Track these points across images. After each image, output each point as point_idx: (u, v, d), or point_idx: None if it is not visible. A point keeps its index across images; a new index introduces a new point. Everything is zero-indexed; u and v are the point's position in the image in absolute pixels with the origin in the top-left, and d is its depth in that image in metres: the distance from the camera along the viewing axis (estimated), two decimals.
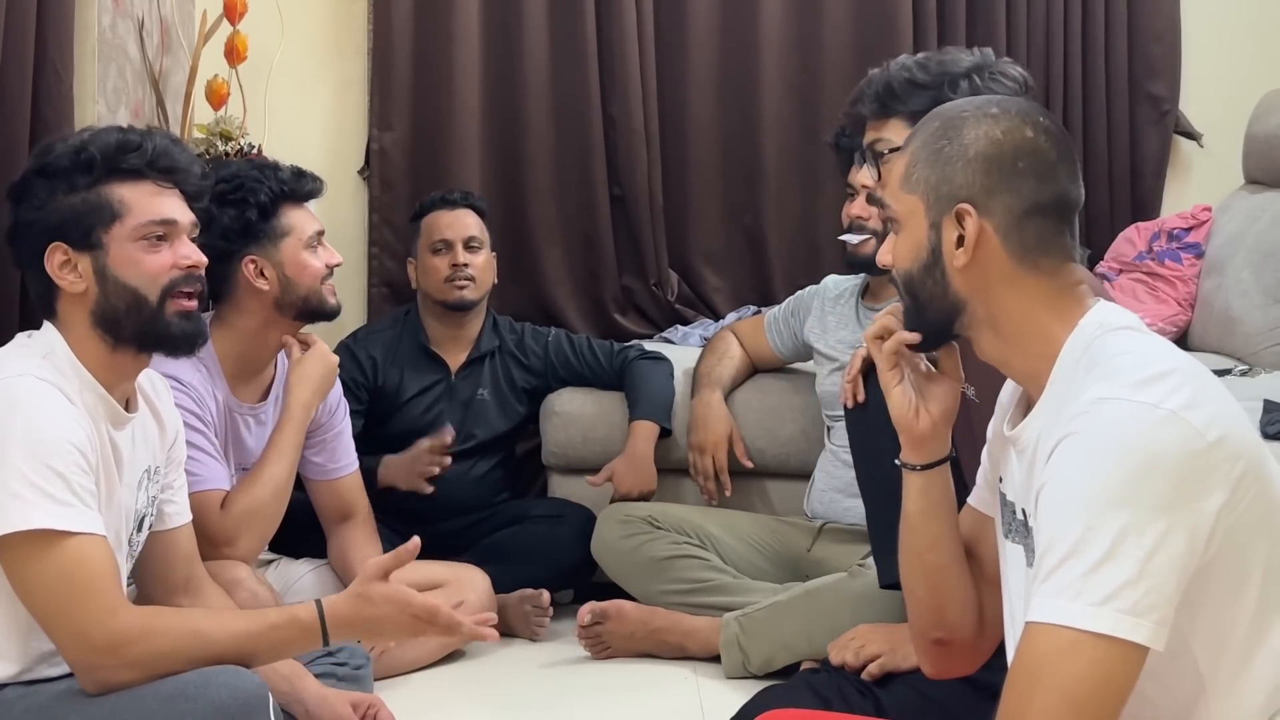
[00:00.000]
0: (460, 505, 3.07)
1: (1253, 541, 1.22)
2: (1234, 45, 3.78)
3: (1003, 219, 1.33)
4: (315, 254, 2.46)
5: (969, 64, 1.94)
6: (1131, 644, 1.15)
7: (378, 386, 3.07)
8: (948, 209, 1.35)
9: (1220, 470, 1.19)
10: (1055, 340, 1.32)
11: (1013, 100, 1.42)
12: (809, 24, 3.62)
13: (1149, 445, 1.18)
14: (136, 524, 1.82)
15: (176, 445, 1.97)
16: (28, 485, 1.60)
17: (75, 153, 1.76)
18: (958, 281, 1.36)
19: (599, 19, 3.56)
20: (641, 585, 2.82)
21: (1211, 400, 1.22)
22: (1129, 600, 1.15)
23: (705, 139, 3.63)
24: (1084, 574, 1.16)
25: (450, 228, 3.09)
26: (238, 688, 1.59)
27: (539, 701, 2.52)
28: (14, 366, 1.70)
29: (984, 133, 1.35)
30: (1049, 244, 1.34)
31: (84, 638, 1.62)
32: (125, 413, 1.79)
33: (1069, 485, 1.20)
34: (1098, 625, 1.15)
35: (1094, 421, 1.21)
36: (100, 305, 1.76)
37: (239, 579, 2.27)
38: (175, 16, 3.26)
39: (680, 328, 3.58)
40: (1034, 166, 1.34)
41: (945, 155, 1.36)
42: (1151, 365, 1.23)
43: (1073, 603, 1.16)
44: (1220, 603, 1.22)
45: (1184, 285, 3.42)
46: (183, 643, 1.66)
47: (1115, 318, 1.32)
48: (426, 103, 3.56)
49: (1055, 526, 1.20)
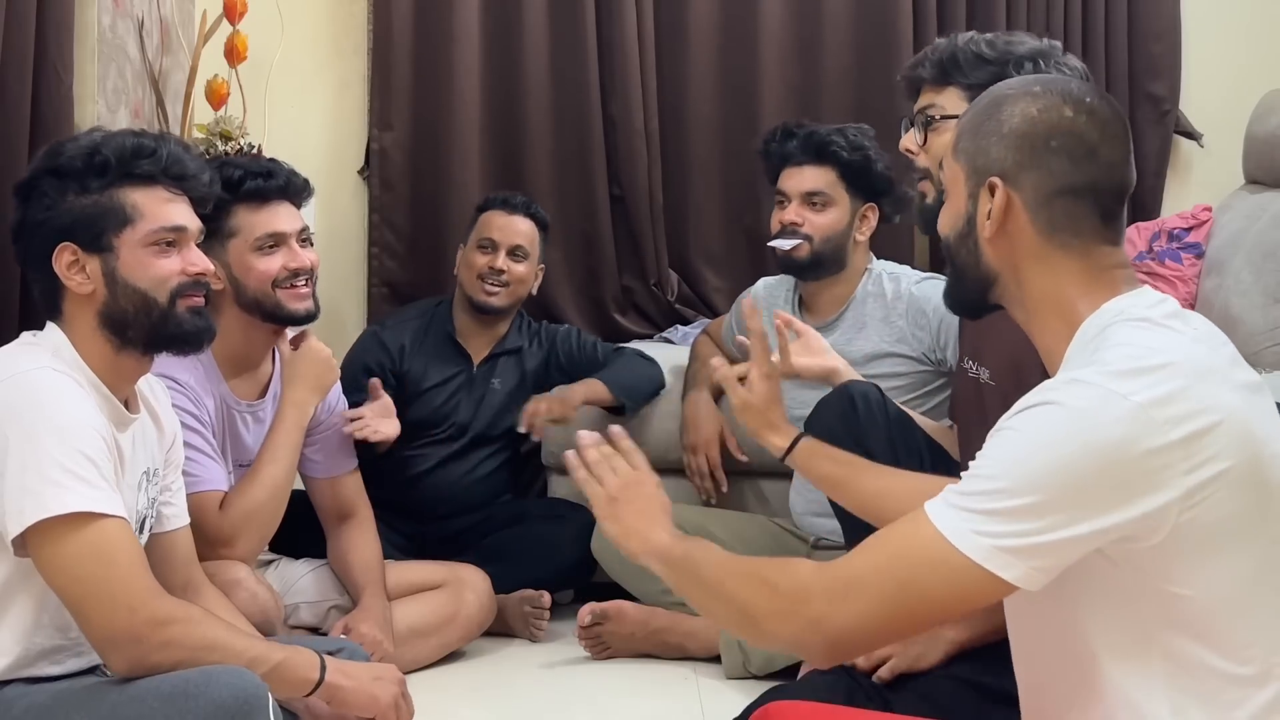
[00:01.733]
0: (461, 505, 3.07)
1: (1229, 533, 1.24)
2: (1234, 45, 3.78)
3: (1032, 195, 1.36)
4: (269, 256, 2.40)
5: (1032, 47, 1.97)
6: (993, 576, 1.23)
7: (402, 372, 3.07)
8: (982, 181, 1.39)
9: (1176, 469, 1.21)
10: (1075, 320, 1.35)
11: (1061, 81, 1.43)
12: (809, 24, 3.62)
13: (1097, 436, 1.21)
14: (138, 525, 1.82)
15: (175, 448, 1.98)
16: (62, 471, 1.63)
17: (89, 154, 1.76)
18: (988, 252, 1.40)
19: (599, 19, 3.56)
20: (641, 585, 2.82)
21: (1199, 398, 1.23)
22: (1011, 543, 1.22)
23: (705, 139, 3.63)
24: (990, 510, 1.24)
25: (500, 230, 3.09)
26: (238, 686, 1.60)
27: (539, 702, 2.52)
28: (30, 361, 1.72)
29: (1021, 110, 1.38)
30: (1079, 225, 1.36)
31: (131, 613, 1.64)
32: (128, 413, 1.80)
33: (1022, 439, 1.25)
34: (973, 552, 1.23)
35: (1061, 396, 1.25)
36: (108, 306, 1.77)
37: (238, 579, 2.27)
38: (175, 16, 3.25)
39: (680, 328, 3.58)
40: (1068, 147, 1.35)
41: (985, 129, 1.40)
42: (1145, 358, 1.25)
43: (965, 523, 1.24)
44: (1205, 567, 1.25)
45: (1184, 285, 3.42)
46: (220, 638, 1.71)
47: (1141, 307, 1.33)
48: (426, 103, 3.56)
49: (993, 461, 1.26)
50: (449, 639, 2.68)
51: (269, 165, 2.45)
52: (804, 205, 2.78)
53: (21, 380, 1.69)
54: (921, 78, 2.03)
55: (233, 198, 2.36)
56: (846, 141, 2.77)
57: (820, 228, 2.76)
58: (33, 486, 1.62)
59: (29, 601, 1.69)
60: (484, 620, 2.75)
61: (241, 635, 1.80)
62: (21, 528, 1.62)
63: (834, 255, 2.78)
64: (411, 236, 3.60)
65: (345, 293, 3.58)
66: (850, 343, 2.74)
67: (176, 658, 1.66)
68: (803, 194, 2.78)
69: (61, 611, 1.68)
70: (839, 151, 2.76)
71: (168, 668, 1.65)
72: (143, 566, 1.69)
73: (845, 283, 2.81)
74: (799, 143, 2.80)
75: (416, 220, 3.60)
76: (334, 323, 3.45)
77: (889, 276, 2.80)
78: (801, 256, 2.77)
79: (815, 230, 2.76)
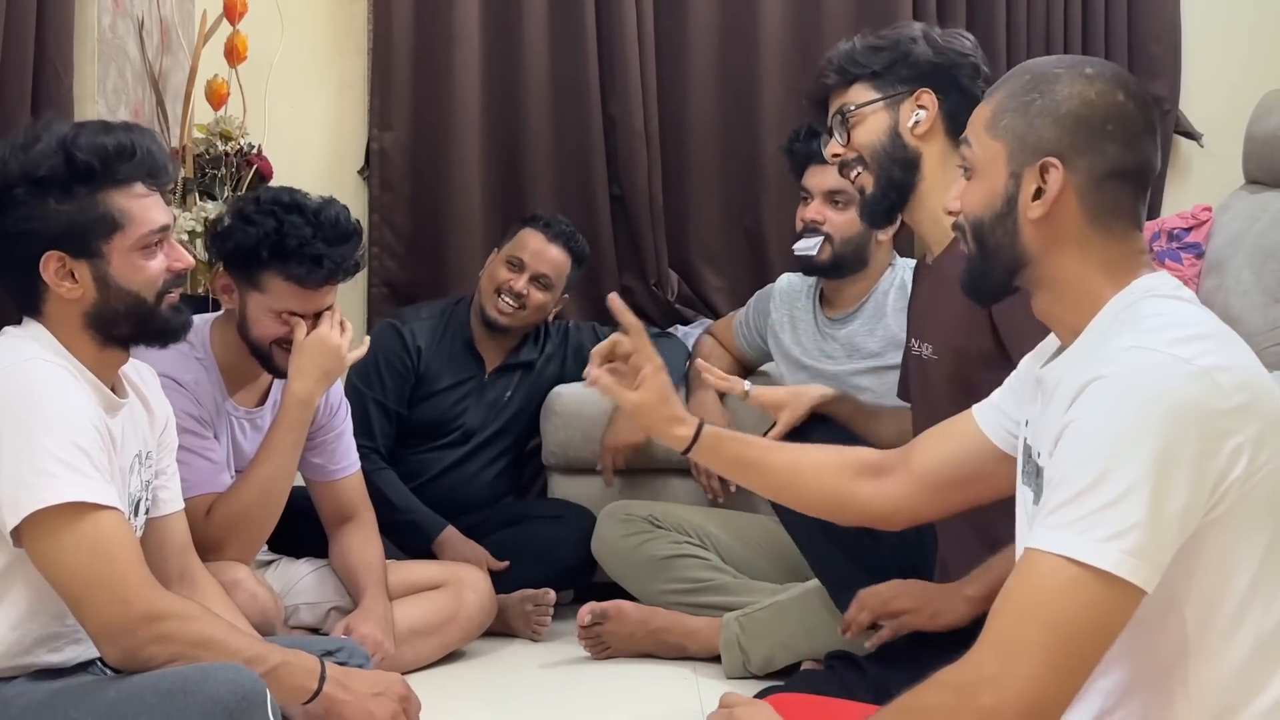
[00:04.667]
0: (462, 505, 3.07)
1: (1263, 513, 1.24)
2: (1234, 45, 3.78)
3: (1085, 178, 1.36)
4: (281, 325, 2.37)
5: (920, 27, 2.10)
6: (1129, 585, 1.18)
7: (419, 372, 3.07)
8: (1032, 160, 1.37)
9: (1241, 434, 1.21)
10: (1101, 298, 1.35)
11: (1106, 64, 1.43)
12: (809, 24, 3.62)
13: (1177, 395, 1.20)
14: (132, 509, 1.83)
15: (167, 431, 1.98)
16: (56, 461, 1.63)
17: (67, 160, 1.72)
18: (1028, 233, 1.38)
19: (599, 19, 3.56)
20: (642, 585, 2.82)
21: (1243, 368, 1.25)
22: (1134, 541, 1.18)
23: (705, 139, 3.63)
24: (1096, 510, 1.19)
25: (533, 255, 3.06)
26: (236, 683, 1.60)
27: (539, 702, 2.52)
28: (19, 352, 1.71)
29: (1078, 91, 1.37)
30: (1123, 208, 1.36)
31: (126, 605, 1.64)
32: (116, 398, 1.81)
33: (1093, 424, 1.22)
34: (1102, 561, 1.18)
35: (1125, 368, 1.23)
36: (98, 308, 1.76)
37: (238, 580, 2.27)
38: (175, 16, 3.26)
39: (680, 327, 3.58)
40: (1121, 131, 1.36)
41: (1037, 107, 1.38)
42: (1187, 328, 1.26)
43: (1080, 536, 1.19)
44: (1219, 568, 1.24)
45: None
46: (217, 635, 1.71)
47: (1166, 286, 1.34)
48: (426, 103, 3.56)
49: (1073, 463, 1.22)
50: (449, 639, 2.68)
51: (322, 251, 2.34)
52: (826, 203, 2.79)
53: (13, 372, 1.68)
54: (827, 86, 2.13)
55: (275, 266, 2.32)
56: None
57: (840, 226, 2.77)
58: (27, 478, 1.62)
59: (25, 588, 1.69)
60: (484, 620, 2.75)
61: (239, 634, 1.79)
62: (18, 519, 1.62)
63: (855, 255, 2.80)
64: (411, 236, 3.60)
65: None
66: (871, 333, 2.79)
67: (171, 651, 1.66)
68: (825, 192, 2.78)
69: (58, 599, 1.68)
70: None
71: (162, 661, 1.65)
72: (139, 559, 1.69)
73: (866, 279, 2.84)
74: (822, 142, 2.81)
75: (416, 220, 3.60)
76: None
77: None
78: (823, 260, 2.79)
79: (835, 229, 2.77)
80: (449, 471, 3.08)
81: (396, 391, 3.01)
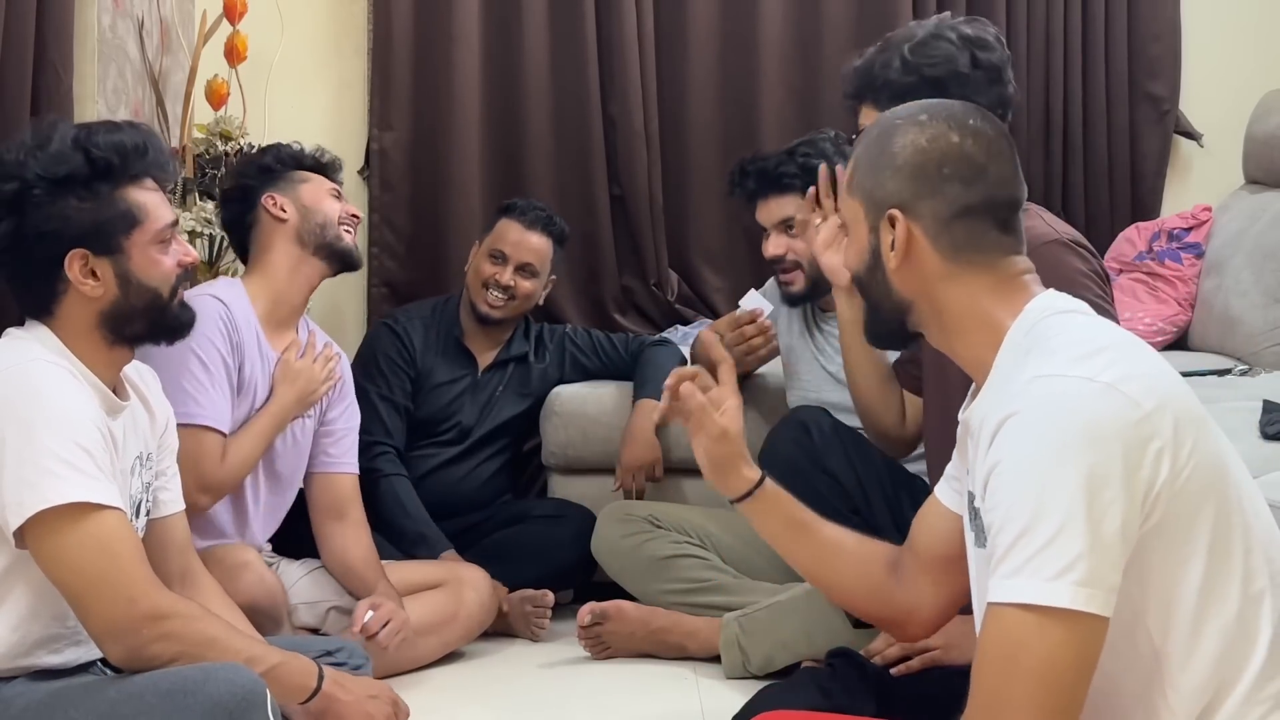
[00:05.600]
0: (461, 505, 3.08)
1: (1198, 509, 1.24)
2: (1234, 45, 3.78)
3: (930, 222, 1.39)
4: (335, 200, 2.63)
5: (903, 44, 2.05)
6: (1091, 616, 1.18)
7: (417, 368, 3.08)
8: (881, 214, 1.41)
9: (1159, 438, 1.22)
10: (1000, 327, 1.36)
11: (944, 105, 1.46)
12: (809, 24, 3.62)
13: (1089, 417, 1.21)
14: (134, 511, 1.84)
15: (168, 432, 1.99)
16: (60, 462, 1.64)
17: (87, 159, 1.74)
18: (897, 281, 1.42)
19: (599, 19, 3.56)
20: (641, 585, 2.82)
21: (1146, 373, 1.26)
22: (1082, 571, 1.18)
23: (705, 139, 3.63)
24: (1039, 550, 1.19)
25: (514, 246, 3.07)
26: (236, 683, 1.60)
27: (539, 702, 2.52)
28: (21, 354, 1.72)
29: (910, 141, 1.41)
30: (980, 241, 1.39)
31: (130, 604, 1.65)
32: (119, 400, 1.81)
33: (1016, 463, 1.23)
34: (1058, 599, 1.18)
35: (1034, 399, 1.24)
36: (116, 305, 1.78)
37: (247, 561, 2.32)
38: (175, 16, 3.25)
39: (680, 328, 3.58)
40: (959, 171, 1.38)
41: (880, 163, 1.42)
42: (1087, 343, 1.27)
43: (1031, 580, 1.19)
44: (1168, 571, 1.24)
45: (1184, 285, 3.42)
46: (219, 635, 1.72)
47: (1059, 303, 1.36)
48: (426, 103, 3.56)
49: (1005, 506, 1.23)
50: (449, 638, 2.68)
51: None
52: (782, 234, 2.78)
53: (15, 373, 1.69)
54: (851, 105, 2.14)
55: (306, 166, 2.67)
56: (797, 166, 2.75)
57: (802, 251, 2.75)
58: (30, 478, 1.62)
59: (27, 590, 1.70)
60: (484, 620, 2.75)
61: (239, 635, 1.80)
62: (22, 519, 1.62)
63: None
64: (411, 236, 3.60)
65: (345, 292, 3.57)
66: None
67: (174, 650, 1.66)
68: (777, 224, 2.79)
69: (59, 600, 1.68)
70: (793, 179, 2.75)
71: (165, 660, 1.66)
72: (142, 559, 1.70)
73: None
74: (754, 179, 2.81)
75: (416, 220, 3.60)
76: (334, 322, 3.44)
77: None
78: (802, 289, 2.79)
79: (801, 255, 2.76)
80: (444, 468, 3.08)
81: (401, 386, 3.02)
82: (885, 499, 2.40)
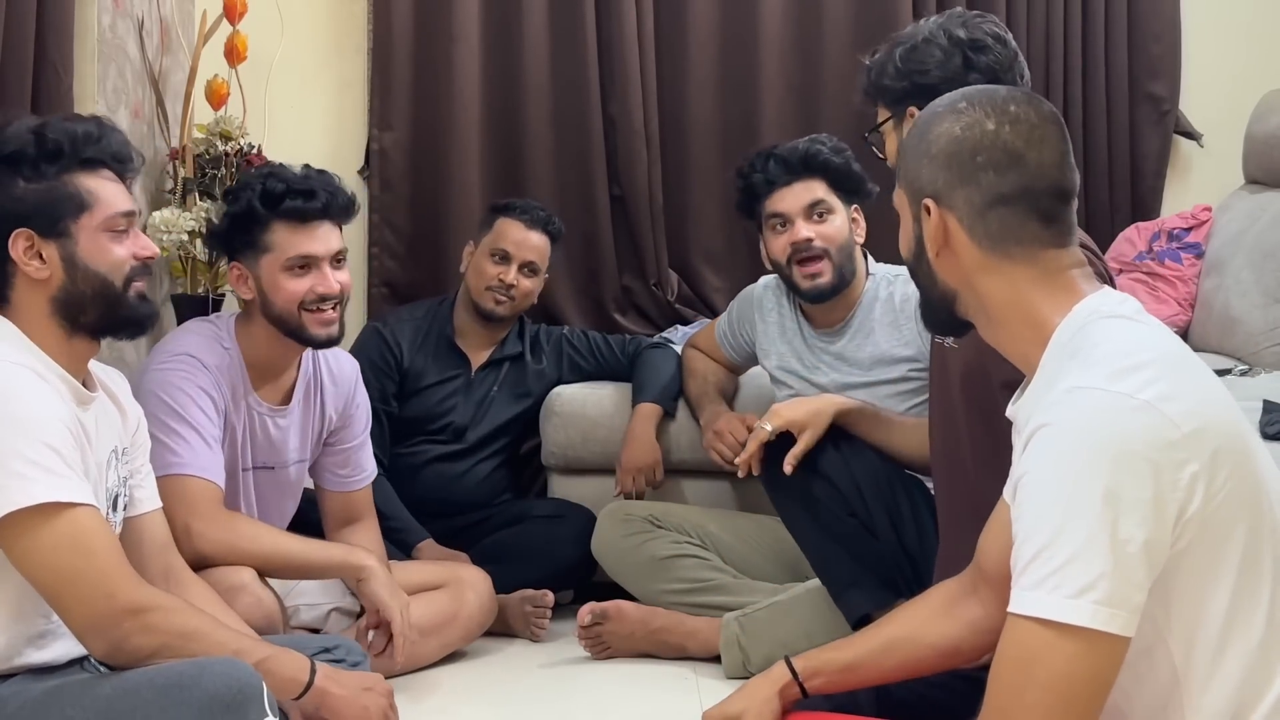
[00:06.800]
0: (461, 505, 3.08)
1: (1228, 534, 1.23)
2: (1234, 45, 3.78)
3: (965, 211, 1.38)
4: (298, 278, 2.38)
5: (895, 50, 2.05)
6: (1110, 635, 1.17)
7: (404, 369, 3.09)
8: (919, 203, 1.41)
9: (1196, 462, 1.20)
10: (1046, 325, 1.34)
11: (987, 91, 1.44)
12: (809, 24, 3.62)
13: (1122, 435, 1.19)
14: (110, 503, 1.84)
15: (140, 431, 1.98)
16: (27, 463, 1.62)
17: (38, 141, 1.74)
18: (940, 270, 1.42)
19: (599, 19, 3.56)
20: (642, 585, 2.82)
21: (1190, 392, 1.23)
22: (1104, 591, 1.17)
23: (705, 139, 3.63)
24: (1061, 566, 1.18)
25: (516, 245, 3.08)
26: (232, 677, 1.59)
27: (539, 702, 2.52)
28: None
29: (945, 129, 1.40)
30: (1017, 232, 1.37)
31: (109, 599, 1.65)
32: (88, 391, 1.81)
33: (1045, 475, 1.22)
34: (1077, 618, 1.17)
35: (1068, 411, 1.22)
36: (65, 291, 1.77)
37: (243, 584, 2.26)
38: (175, 16, 3.26)
39: (680, 328, 3.58)
40: (993, 159, 1.37)
41: (918, 151, 1.42)
42: (1131, 355, 1.24)
43: (1052, 595, 1.18)
44: (1194, 594, 1.23)
45: (1184, 285, 3.42)
46: (202, 626, 1.71)
47: (1110, 305, 1.33)
48: (426, 103, 3.56)
49: (1031, 518, 1.22)
50: (450, 639, 2.68)
51: (313, 184, 2.39)
52: (809, 220, 2.73)
53: None
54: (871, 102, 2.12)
55: (272, 213, 2.35)
56: (828, 148, 2.75)
57: (831, 237, 2.71)
58: None
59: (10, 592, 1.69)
60: (485, 620, 2.75)
61: (224, 628, 1.79)
62: None
63: (849, 265, 2.74)
64: (411, 236, 3.61)
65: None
66: (859, 349, 2.74)
67: (157, 642, 1.66)
68: (804, 208, 2.73)
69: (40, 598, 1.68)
70: (827, 159, 2.74)
71: (149, 652, 1.65)
72: (119, 553, 1.69)
73: (850, 290, 2.77)
74: (781, 162, 2.76)
75: (416, 220, 3.60)
76: None
77: (894, 280, 2.76)
78: (831, 282, 2.72)
79: (828, 241, 2.71)
80: (439, 465, 3.08)
81: (380, 390, 3.00)
82: (882, 500, 2.39)
